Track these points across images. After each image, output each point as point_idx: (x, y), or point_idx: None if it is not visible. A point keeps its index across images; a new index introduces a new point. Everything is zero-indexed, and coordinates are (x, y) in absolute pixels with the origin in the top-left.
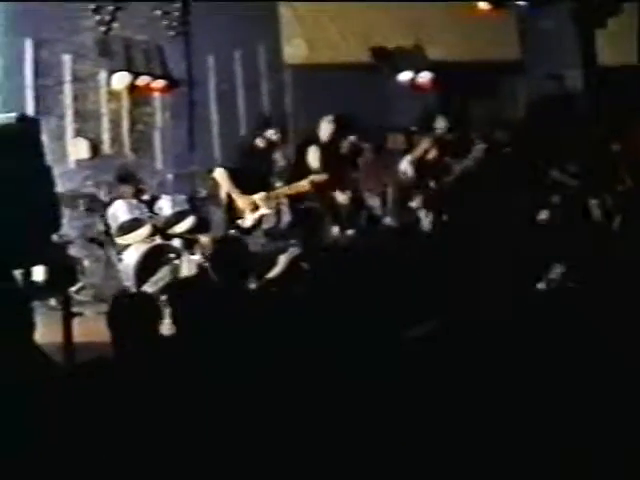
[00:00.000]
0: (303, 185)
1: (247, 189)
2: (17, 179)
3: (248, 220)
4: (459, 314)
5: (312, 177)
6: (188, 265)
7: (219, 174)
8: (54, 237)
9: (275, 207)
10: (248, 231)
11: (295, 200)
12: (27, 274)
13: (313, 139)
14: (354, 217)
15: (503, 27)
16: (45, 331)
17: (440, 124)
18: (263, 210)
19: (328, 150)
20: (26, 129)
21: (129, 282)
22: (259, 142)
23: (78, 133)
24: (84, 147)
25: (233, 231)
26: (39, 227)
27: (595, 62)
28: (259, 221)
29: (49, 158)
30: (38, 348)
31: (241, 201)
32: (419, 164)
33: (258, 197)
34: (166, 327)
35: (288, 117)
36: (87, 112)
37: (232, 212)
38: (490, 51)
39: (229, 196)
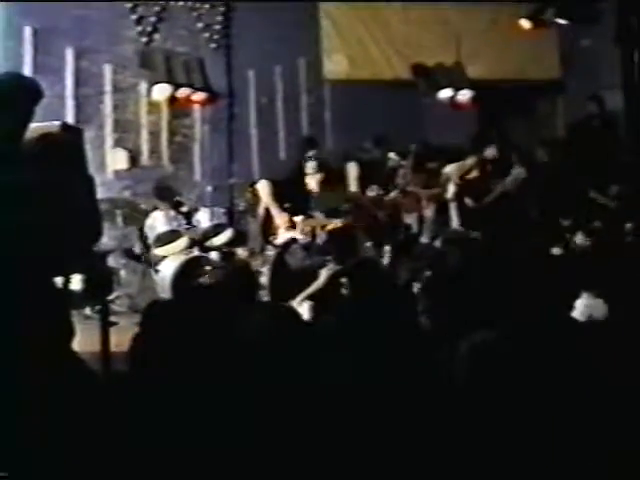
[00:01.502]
0: (337, 223)
1: (286, 208)
2: (60, 187)
3: (281, 238)
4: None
5: (349, 219)
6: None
7: (262, 186)
8: (94, 247)
9: (310, 233)
10: (285, 245)
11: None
12: (66, 282)
13: (352, 157)
14: (391, 235)
15: (544, 46)
16: (80, 340)
17: (490, 153)
18: (297, 233)
19: (367, 169)
20: (69, 137)
21: (165, 293)
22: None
23: (117, 143)
24: (123, 157)
25: (268, 246)
26: (80, 236)
27: (635, 82)
28: (291, 241)
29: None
30: (77, 356)
31: (279, 218)
32: (460, 181)
33: (297, 219)
34: None
35: (327, 132)
36: (127, 123)
37: (267, 227)
38: (530, 70)
39: (267, 210)
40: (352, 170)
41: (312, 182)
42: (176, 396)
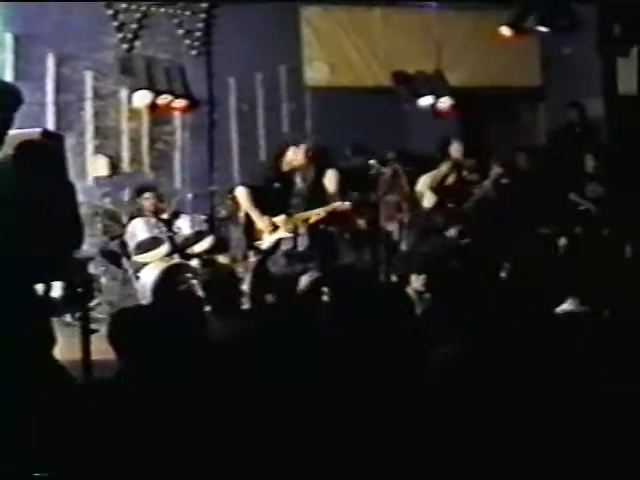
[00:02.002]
0: (319, 213)
1: (267, 210)
2: (40, 194)
3: (266, 242)
4: (478, 338)
5: (333, 205)
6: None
7: (240, 192)
8: (74, 254)
9: (293, 231)
10: (266, 252)
11: (313, 223)
12: (47, 289)
13: (332, 163)
14: (371, 242)
15: (525, 53)
16: (61, 347)
17: (456, 149)
18: (282, 233)
19: (347, 174)
20: (50, 144)
21: (146, 300)
22: (280, 164)
23: (98, 150)
24: (103, 164)
25: (251, 252)
26: (61, 243)
27: (616, 90)
28: (277, 243)
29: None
30: (58, 363)
31: (260, 222)
32: (438, 188)
33: (278, 219)
34: None
35: (308, 139)
36: (107, 129)
37: (250, 233)
38: (511, 77)
39: (248, 216)
40: (332, 177)
41: (297, 177)
42: (156, 403)
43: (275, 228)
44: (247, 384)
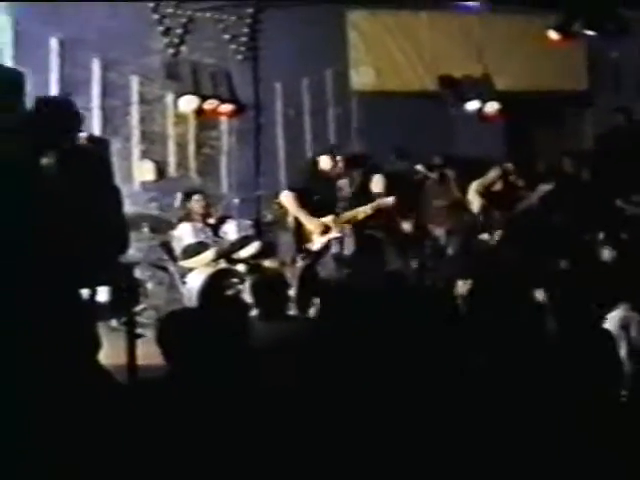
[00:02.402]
0: (365, 210)
1: (313, 214)
2: (86, 199)
3: (317, 243)
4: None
5: (377, 201)
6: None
7: (286, 197)
8: (120, 258)
9: (342, 230)
10: (317, 255)
11: (360, 227)
12: (93, 294)
13: (378, 167)
14: (418, 247)
15: (572, 57)
16: (107, 352)
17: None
18: (333, 233)
19: (393, 179)
20: (95, 149)
21: (192, 305)
22: (325, 167)
23: (144, 155)
24: (150, 169)
25: (301, 255)
26: (107, 247)
27: None
28: (327, 246)
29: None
30: (104, 368)
31: (310, 224)
32: (485, 194)
33: (327, 220)
34: None
35: (353, 143)
36: (153, 134)
37: (300, 236)
38: (558, 81)
39: (296, 219)
40: (378, 182)
41: (343, 181)
42: (202, 406)
43: (326, 230)
44: (294, 387)
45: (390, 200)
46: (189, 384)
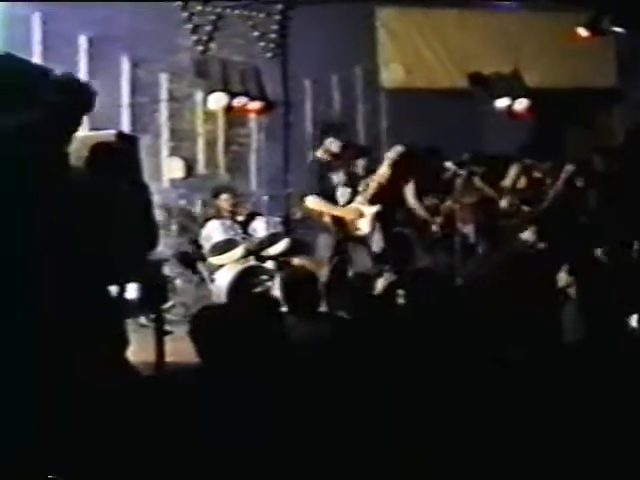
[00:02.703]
0: (382, 172)
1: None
2: (116, 195)
3: (364, 226)
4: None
5: (388, 154)
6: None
7: (312, 202)
8: (149, 255)
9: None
10: (364, 240)
11: (388, 224)
12: (122, 291)
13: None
14: (447, 244)
15: (602, 54)
16: (136, 349)
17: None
18: (370, 209)
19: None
20: (125, 146)
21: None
22: (320, 154)
23: (173, 152)
24: (179, 166)
25: (350, 244)
26: (136, 244)
27: None
28: (363, 240)
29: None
30: (132, 365)
31: (346, 213)
32: (512, 191)
33: (357, 204)
34: None
35: (382, 140)
36: (182, 131)
37: (344, 229)
38: (587, 78)
39: (333, 217)
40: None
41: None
42: (234, 403)
43: (361, 213)
44: (325, 384)
45: (400, 148)
46: (221, 380)
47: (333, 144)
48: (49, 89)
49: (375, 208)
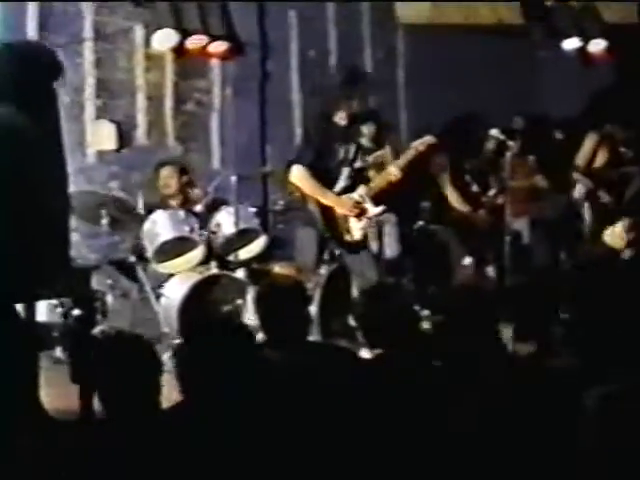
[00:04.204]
0: (398, 165)
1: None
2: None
3: (356, 231)
4: None
5: (413, 144)
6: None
7: (298, 175)
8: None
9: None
10: (357, 247)
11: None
12: (30, 313)
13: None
14: (493, 244)
15: None
16: (50, 393)
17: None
18: (372, 210)
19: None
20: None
21: (169, 327)
22: (339, 118)
23: (101, 113)
24: (109, 133)
25: (337, 250)
26: (45, 248)
27: None
28: (364, 242)
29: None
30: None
31: (340, 205)
32: (587, 171)
33: (359, 194)
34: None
35: (399, 99)
36: (114, 83)
37: (331, 226)
38: None
39: (320, 204)
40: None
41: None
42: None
43: (361, 210)
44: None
45: (430, 138)
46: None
47: (355, 104)
48: None
49: (379, 209)
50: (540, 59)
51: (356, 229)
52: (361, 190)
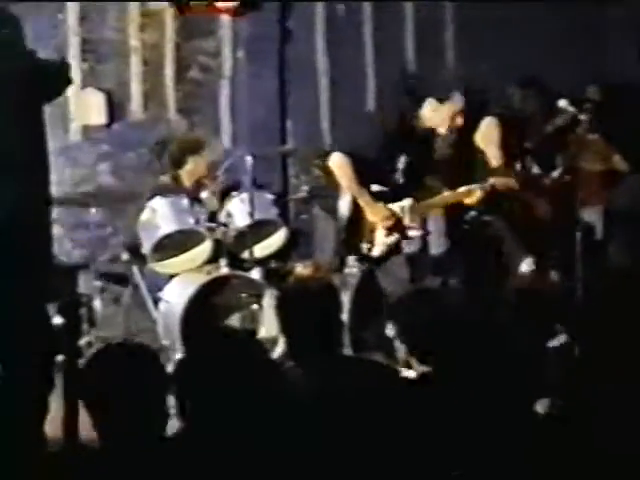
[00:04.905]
0: (469, 191)
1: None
2: None
3: (379, 246)
4: None
5: (491, 181)
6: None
7: (339, 163)
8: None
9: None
10: (377, 261)
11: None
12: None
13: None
14: (559, 239)
15: None
16: None
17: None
18: (413, 231)
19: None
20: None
21: (170, 339)
22: (416, 122)
23: (88, 81)
24: (98, 105)
25: (352, 259)
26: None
27: None
28: (395, 248)
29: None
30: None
31: (373, 211)
32: None
33: (400, 207)
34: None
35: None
36: (104, 45)
37: (357, 227)
38: None
39: (354, 201)
40: (491, 130)
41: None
42: None
43: (396, 222)
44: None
45: (514, 183)
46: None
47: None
48: None
49: (419, 232)
50: (610, 18)
51: (380, 243)
52: (406, 202)
